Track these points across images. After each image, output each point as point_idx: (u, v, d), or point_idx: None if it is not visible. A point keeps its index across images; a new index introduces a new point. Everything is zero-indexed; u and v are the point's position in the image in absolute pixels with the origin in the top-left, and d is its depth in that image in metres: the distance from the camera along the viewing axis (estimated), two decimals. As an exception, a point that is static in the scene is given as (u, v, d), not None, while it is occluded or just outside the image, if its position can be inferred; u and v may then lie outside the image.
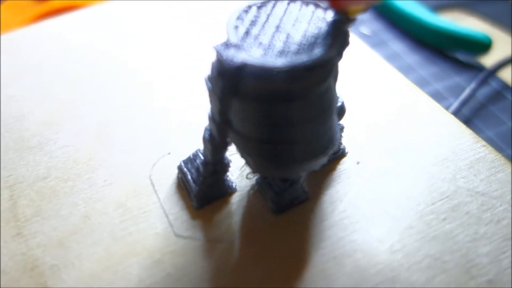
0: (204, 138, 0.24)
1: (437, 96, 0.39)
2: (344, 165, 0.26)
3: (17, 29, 0.38)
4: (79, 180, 0.26)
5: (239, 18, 0.21)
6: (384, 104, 0.29)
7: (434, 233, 0.22)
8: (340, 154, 0.26)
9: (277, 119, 0.20)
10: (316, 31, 0.20)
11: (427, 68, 0.42)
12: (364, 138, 0.27)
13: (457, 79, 0.40)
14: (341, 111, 0.24)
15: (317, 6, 0.22)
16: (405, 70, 0.41)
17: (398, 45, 0.45)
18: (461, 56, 0.42)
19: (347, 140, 0.26)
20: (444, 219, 0.23)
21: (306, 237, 0.23)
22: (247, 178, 0.25)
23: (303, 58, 0.19)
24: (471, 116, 0.38)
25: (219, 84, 0.20)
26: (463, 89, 0.39)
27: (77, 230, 0.24)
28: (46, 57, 0.35)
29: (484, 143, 0.26)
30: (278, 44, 0.20)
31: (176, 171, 0.26)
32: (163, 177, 0.26)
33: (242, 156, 0.23)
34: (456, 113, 0.36)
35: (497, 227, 0.23)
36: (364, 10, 0.21)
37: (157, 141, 0.28)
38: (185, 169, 0.25)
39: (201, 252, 0.23)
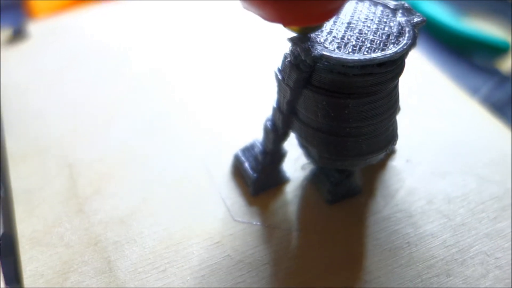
0: (266, 128, 0.24)
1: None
2: (394, 162, 0.27)
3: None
4: (135, 165, 0.27)
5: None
6: (432, 107, 0.30)
7: (486, 230, 0.23)
8: (389, 151, 0.27)
9: (348, 113, 0.21)
10: (387, 29, 0.21)
11: (444, 70, 0.43)
12: (414, 137, 0.28)
13: (473, 82, 0.41)
14: (398, 108, 0.25)
15: (385, 6, 0.23)
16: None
17: (416, 47, 0.45)
18: (478, 59, 0.43)
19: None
20: (495, 218, 0.24)
21: (361, 228, 0.24)
22: (302, 169, 0.26)
23: (379, 54, 0.20)
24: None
25: (293, 75, 0.21)
26: (478, 92, 0.40)
27: (136, 211, 0.25)
28: (94, 48, 0.35)
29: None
30: (352, 40, 0.21)
31: (229, 158, 0.27)
32: (217, 163, 0.27)
33: (304, 146, 0.24)
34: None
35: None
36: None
37: (209, 129, 0.29)
38: (242, 158, 0.26)
39: (260, 237, 0.23)
